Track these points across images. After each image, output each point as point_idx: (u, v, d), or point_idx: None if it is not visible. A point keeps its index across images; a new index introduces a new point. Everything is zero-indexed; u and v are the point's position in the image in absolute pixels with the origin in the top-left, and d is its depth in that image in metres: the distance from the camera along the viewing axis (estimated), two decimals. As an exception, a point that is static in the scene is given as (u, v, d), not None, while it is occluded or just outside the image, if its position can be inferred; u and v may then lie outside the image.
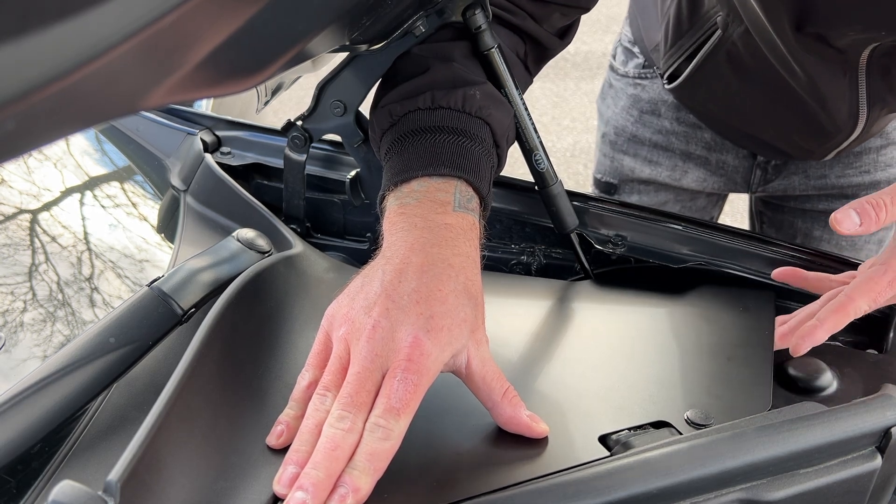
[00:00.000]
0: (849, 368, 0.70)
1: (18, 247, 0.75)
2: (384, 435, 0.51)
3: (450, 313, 0.55)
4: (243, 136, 0.93)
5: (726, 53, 1.00)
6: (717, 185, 1.20)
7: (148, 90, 0.32)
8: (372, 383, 0.53)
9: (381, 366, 0.53)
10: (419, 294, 0.55)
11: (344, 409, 0.51)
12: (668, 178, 1.19)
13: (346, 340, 0.55)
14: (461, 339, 0.56)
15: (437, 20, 0.73)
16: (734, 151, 1.16)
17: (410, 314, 0.54)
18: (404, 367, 0.52)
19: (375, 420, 0.51)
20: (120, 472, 0.43)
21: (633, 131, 1.19)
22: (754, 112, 1.05)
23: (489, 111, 0.70)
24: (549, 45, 0.82)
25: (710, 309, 0.75)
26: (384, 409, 0.51)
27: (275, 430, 0.54)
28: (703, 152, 1.17)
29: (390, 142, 0.70)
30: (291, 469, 0.50)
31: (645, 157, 1.19)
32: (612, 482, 0.49)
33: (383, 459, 0.51)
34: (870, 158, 1.10)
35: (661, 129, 1.17)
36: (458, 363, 0.57)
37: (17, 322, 0.66)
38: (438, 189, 0.64)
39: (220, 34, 0.34)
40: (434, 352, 0.53)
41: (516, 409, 0.57)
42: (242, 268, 0.66)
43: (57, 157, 0.91)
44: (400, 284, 0.56)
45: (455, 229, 0.61)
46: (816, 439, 0.53)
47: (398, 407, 0.51)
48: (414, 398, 0.52)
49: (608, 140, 1.23)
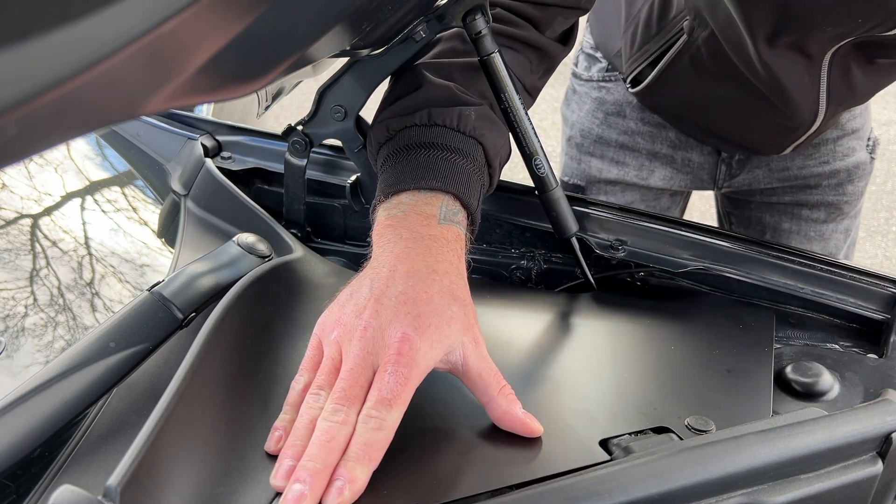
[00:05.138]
0: (849, 373, 0.70)
1: (19, 251, 0.75)
2: (377, 425, 0.52)
3: (436, 312, 0.57)
4: (244, 141, 0.93)
5: (690, 57, 1.02)
6: (684, 183, 1.22)
7: (149, 95, 0.32)
8: (364, 379, 0.54)
9: (373, 363, 0.55)
10: (406, 296, 0.57)
11: (338, 402, 0.53)
12: (636, 178, 1.21)
13: (337, 343, 0.57)
14: (451, 336, 0.57)
15: (437, 25, 0.73)
16: (699, 149, 1.18)
17: (399, 314, 0.56)
18: (394, 360, 0.54)
19: (368, 412, 0.52)
20: (120, 477, 0.43)
21: (599, 133, 1.21)
22: (716, 111, 1.08)
23: (483, 131, 0.72)
24: (554, 53, 0.84)
25: (710, 323, 0.75)
26: (376, 401, 0.53)
27: (272, 436, 0.55)
28: (668, 151, 1.19)
29: (385, 155, 0.72)
30: (288, 462, 0.51)
31: (611, 158, 1.21)
32: (613, 486, 0.49)
33: (378, 449, 0.52)
34: (827, 149, 1.14)
35: (627, 130, 1.20)
36: (455, 360, 0.58)
37: (17, 326, 0.66)
38: (426, 203, 0.66)
39: (221, 39, 0.34)
40: (423, 347, 0.55)
41: (511, 405, 0.57)
42: (243, 272, 0.66)
43: (58, 162, 0.91)
44: (388, 289, 0.58)
45: (439, 240, 0.63)
46: (817, 444, 0.53)
47: (390, 398, 0.53)
48: (405, 390, 0.53)
49: (574, 143, 1.25)
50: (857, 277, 0.78)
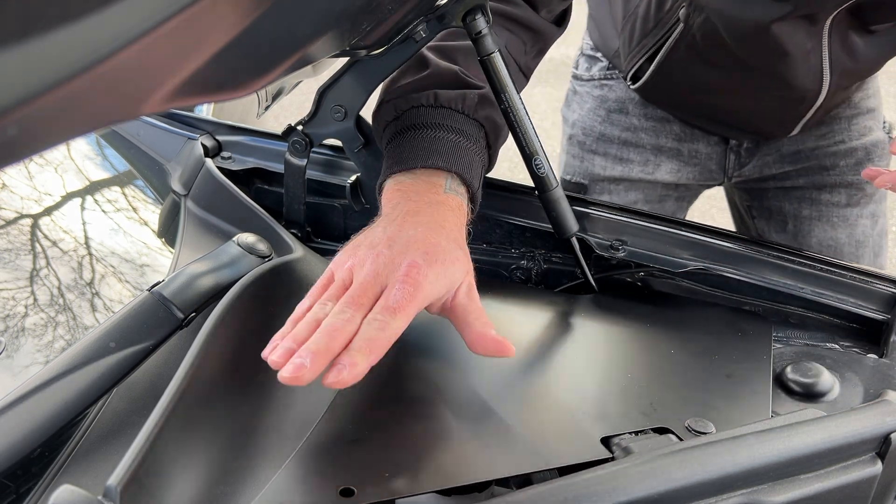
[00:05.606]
0: (849, 373, 0.70)
1: (19, 251, 0.75)
2: (381, 326, 0.54)
3: (444, 252, 0.61)
4: (244, 141, 0.93)
5: (686, 45, 1.03)
6: (692, 175, 1.21)
7: (149, 95, 0.32)
8: (372, 292, 0.57)
9: (382, 283, 0.58)
10: (417, 238, 0.61)
11: (345, 305, 0.55)
12: (641, 173, 1.20)
13: (350, 269, 0.60)
14: (455, 275, 0.61)
15: (437, 25, 0.73)
16: (705, 139, 1.17)
17: (409, 248, 0.60)
18: (402, 280, 0.57)
19: (373, 315, 0.55)
20: (120, 477, 0.43)
21: (602, 130, 1.21)
22: (717, 96, 1.08)
23: (485, 113, 0.76)
24: (548, 34, 0.86)
25: (709, 330, 0.75)
26: (382, 308, 0.55)
27: (270, 345, 0.54)
28: (674, 144, 1.19)
29: (392, 133, 0.75)
30: (288, 344, 0.52)
31: (615, 156, 1.21)
32: (613, 486, 0.49)
33: (379, 346, 0.53)
34: (840, 127, 1.13)
35: (630, 126, 1.19)
36: (448, 299, 0.62)
37: (17, 326, 0.66)
38: (431, 175, 0.71)
39: (222, 39, 0.34)
40: (430, 275, 0.58)
41: (486, 328, 0.60)
42: (243, 272, 0.66)
43: (58, 162, 0.91)
44: (401, 232, 0.62)
45: (445, 205, 0.68)
46: (816, 445, 0.53)
47: (395, 307, 0.55)
48: (410, 304, 0.56)
49: (576, 141, 1.24)
50: (857, 277, 0.78)
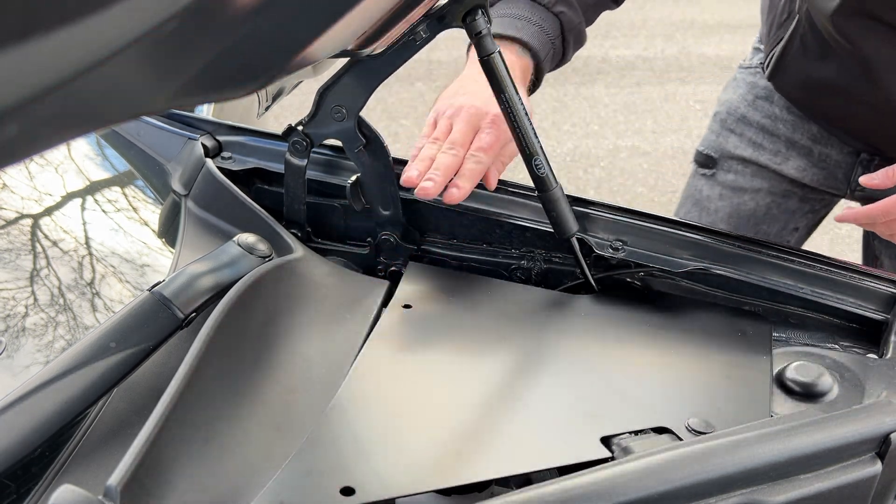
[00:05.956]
0: (849, 373, 0.70)
1: (20, 251, 0.75)
2: (477, 160, 0.81)
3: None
4: (244, 141, 0.93)
5: (800, 38, 1.06)
6: (817, 179, 1.22)
7: (150, 95, 0.32)
8: (469, 136, 0.82)
9: (474, 127, 0.83)
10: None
11: (451, 145, 0.81)
12: (769, 161, 1.23)
13: (449, 119, 0.84)
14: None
15: (437, 26, 0.73)
16: (839, 147, 1.19)
17: (491, 102, 0.79)
18: (489, 127, 0.83)
19: (472, 152, 0.81)
20: (120, 477, 0.43)
21: (744, 112, 1.24)
22: (830, 97, 1.09)
23: (561, 9, 0.93)
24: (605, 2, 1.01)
25: (709, 332, 0.75)
26: (477, 147, 0.82)
27: (405, 171, 0.79)
28: (808, 143, 1.20)
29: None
30: (421, 164, 0.79)
31: (750, 139, 1.24)
32: (613, 486, 0.49)
33: (477, 174, 0.81)
34: None
35: (771, 115, 1.22)
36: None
37: (18, 326, 0.66)
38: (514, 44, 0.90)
39: (223, 39, 0.34)
40: (504, 126, 0.80)
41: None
42: (243, 272, 0.66)
43: (58, 162, 0.91)
44: (487, 87, 0.78)
45: (516, 67, 0.87)
46: (816, 445, 0.53)
47: (485, 147, 0.82)
48: (494, 145, 0.82)
49: (719, 118, 1.28)
50: (857, 277, 0.78)
